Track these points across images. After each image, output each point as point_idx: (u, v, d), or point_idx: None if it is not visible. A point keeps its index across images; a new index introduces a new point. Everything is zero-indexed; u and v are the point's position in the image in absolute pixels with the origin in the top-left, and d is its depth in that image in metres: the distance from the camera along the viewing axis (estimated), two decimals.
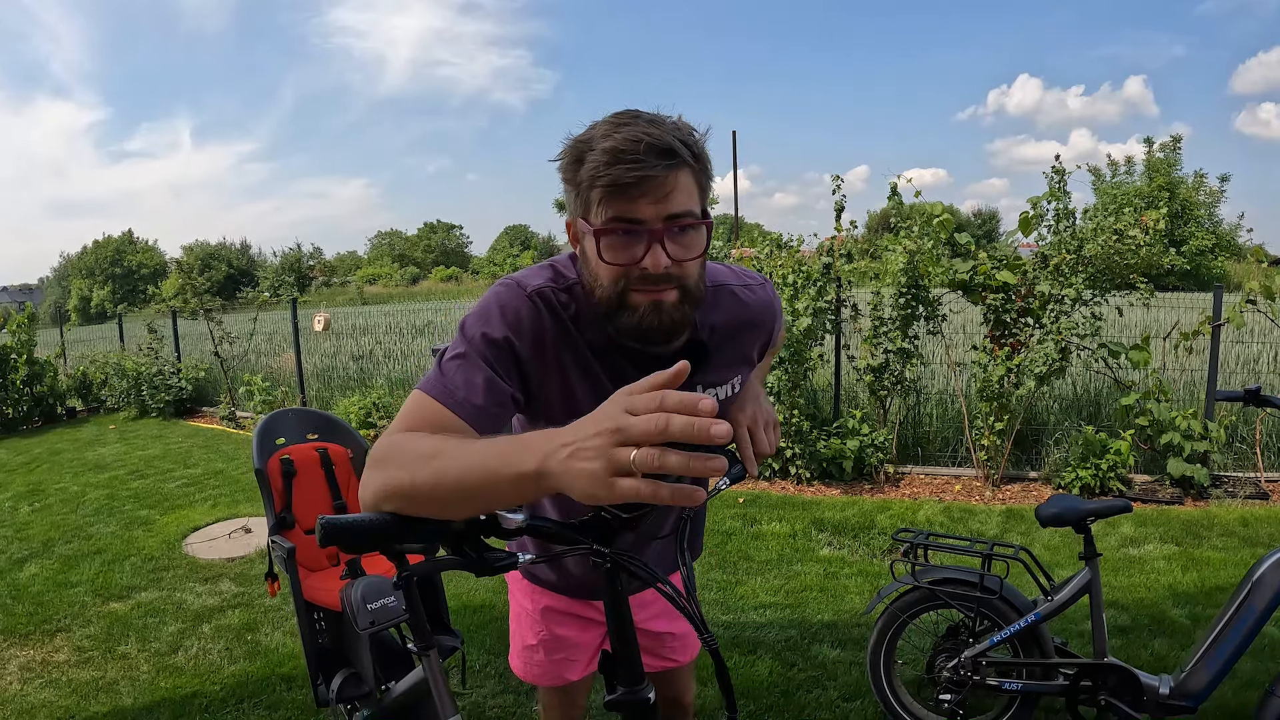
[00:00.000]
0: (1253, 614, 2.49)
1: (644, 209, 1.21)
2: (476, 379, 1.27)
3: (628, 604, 1.29)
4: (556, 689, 1.90)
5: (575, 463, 0.91)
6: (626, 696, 1.28)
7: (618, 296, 1.27)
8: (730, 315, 1.50)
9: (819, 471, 6.38)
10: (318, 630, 2.74)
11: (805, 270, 6.46)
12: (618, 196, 1.20)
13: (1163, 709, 2.61)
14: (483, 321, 1.33)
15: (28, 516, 6.31)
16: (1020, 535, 5.10)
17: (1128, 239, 6.03)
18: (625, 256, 1.24)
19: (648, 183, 1.19)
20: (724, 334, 1.49)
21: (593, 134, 1.23)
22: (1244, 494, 5.72)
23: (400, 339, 13.28)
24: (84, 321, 49.00)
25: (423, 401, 1.25)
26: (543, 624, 1.83)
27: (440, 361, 1.31)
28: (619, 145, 1.18)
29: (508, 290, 1.36)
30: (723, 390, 1.53)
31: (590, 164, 1.21)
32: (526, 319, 1.34)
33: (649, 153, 1.18)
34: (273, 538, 2.74)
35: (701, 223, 1.26)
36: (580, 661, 1.87)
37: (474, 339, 1.31)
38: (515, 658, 1.91)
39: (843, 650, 3.70)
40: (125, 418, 10.79)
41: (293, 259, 60.30)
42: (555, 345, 1.37)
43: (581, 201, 1.26)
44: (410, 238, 72.22)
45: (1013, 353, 5.99)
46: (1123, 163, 38.18)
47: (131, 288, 58.21)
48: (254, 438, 2.82)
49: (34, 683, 3.64)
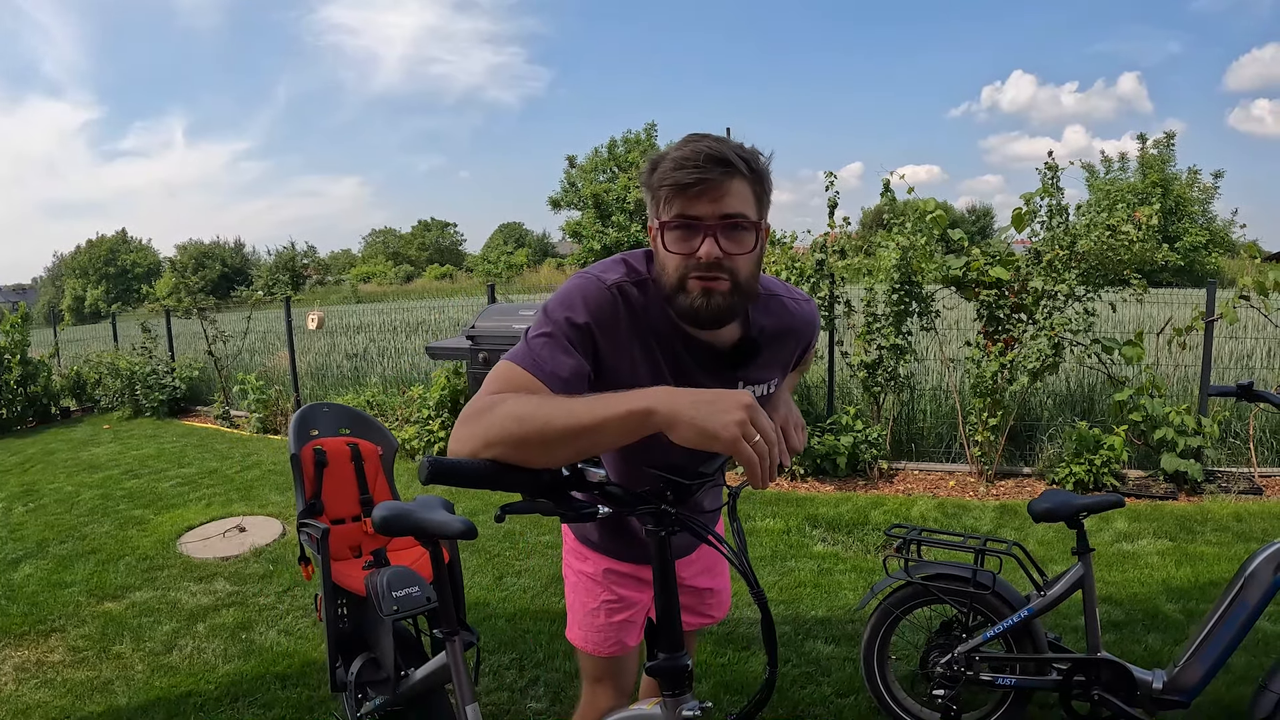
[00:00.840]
0: (1245, 609, 2.50)
1: (701, 208, 1.42)
2: (560, 355, 1.46)
3: (674, 574, 1.44)
4: (612, 659, 1.99)
5: (715, 411, 1.19)
6: (668, 662, 1.41)
7: (679, 281, 1.47)
8: (778, 322, 1.70)
9: (813, 468, 6.39)
10: (340, 615, 2.77)
11: (799, 266, 6.47)
12: (679, 196, 1.43)
13: (1156, 704, 2.62)
14: (567, 307, 1.51)
15: (22, 517, 6.29)
16: (1014, 531, 5.11)
17: (1120, 235, 6.04)
18: (685, 247, 1.45)
19: (704, 185, 1.41)
20: (770, 336, 1.68)
21: (667, 150, 1.48)
22: (1238, 489, 5.74)
23: (394, 337, 13.25)
24: (78, 321, 48.90)
25: (513, 370, 1.43)
26: (604, 584, 1.96)
27: (527, 339, 1.49)
28: (685, 155, 1.42)
29: (590, 282, 1.55)
30: (762, 389, 1.72)
31: (661, 171, 1.44)
32: (606, 308, 1.53)
33: (708, 161, 1.40)
34: (304, 520, 2.81)
35: (753, 224, 1.46)
36: (638, 624, 1.98)
37: (559, 322, 1.49)
38: (575, 627, 2.01)
39: (837, 646, 3.70)
40: (119, 417, 10.77)
41: (287, 257, 60.06)
42: (627, 332, 1.55)
43: (655, 202, 1.48)
44: (404, 236, 72.05)
45: (1006, 349, 6.00)
46: (1117, 159, 38.28)
47: (125, 287, 57.99)
48: (291, 426, 2.93)
49: (29, 683, 3.64)
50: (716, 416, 1.18)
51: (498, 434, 1.27)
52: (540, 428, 1.25)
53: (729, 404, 1.19)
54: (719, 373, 1.64)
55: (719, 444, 1.18)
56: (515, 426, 1.26)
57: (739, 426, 1.17)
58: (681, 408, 1.20)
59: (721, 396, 1.20)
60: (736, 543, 1.42)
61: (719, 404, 1.19)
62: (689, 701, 1.41)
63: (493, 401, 1.33)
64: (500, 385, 1.41)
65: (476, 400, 1.37)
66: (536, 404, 1.30)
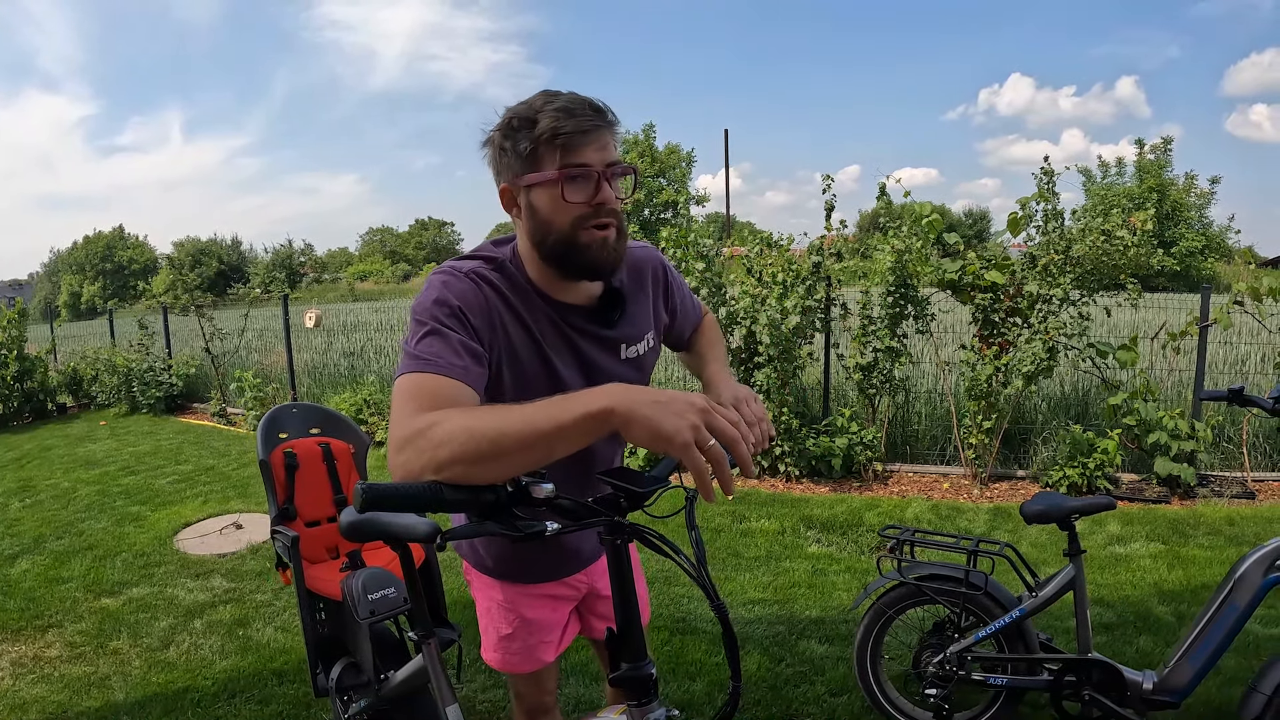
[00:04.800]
0: (1235, 611, 2.52)
1: (591, 155, 1.43)
2: (450, 343, 1.41)
3: (633, 583, 1.37)
4: (530, 675, 1.96)
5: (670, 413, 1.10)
6: (631, 672, 1.35)
7: (570, 236, 1.47)
8: (629, 267, 1.70)
9: (808, 469, 6.41)
10: (318, 620, 2.76)
11: (795, 268, 6.49)
12: (571, 146, 1.41)
13: (1146, 704, 2.65)
14: (434, 300, 1.46)
15: (19, 512, 6.30)
16: (1007, 533, 5.14)
17: (1115, 239, 6.07)
18: (582, 195, 1.44)
19: (596, 133, 1.43)
20: (629, 284, 1.70)
21: (532, 104, 1.45)
22: (1230, 493, 5.77)
23: (391, 336, 13.23)
24: (74, 317, 48.85)
25: (414, 381, 1.35)
26: (514, 611, 1.90)
27: (408, 348, 1.42)
28: (568, 104, 1.42)
29: (447, 275, 1.52)
30: (640, 346, 1.73)
31: (546, 121, 1.41)
32: (470, 295, 1.49)
33: (591, 110, 1.43)
34: (275, 528, 2.77)
35: (630, 169, 1.50)
36: (553, 641, 1.94)
37: (433, 315, 1.44)
38: (490, 650, 1.95)
39: (830, 646, 3.73)
40: (116, 414, 10.77)
41: (284, 255, 60.01)
42: (498, 314, 1.53)
43: (534, 158, 1.44)
44: (402, 234, 72.09)
45: (1001, 352, 6.03)
46: (1114, 164, 38.37)
47: (122, 283, 58.00)
48: (259, 430, 2.85)
49: (26, 678, 3.65)
50: (670, 419, 1.10)
51: (449, 454, 1.18)
52: (495, 438, 1.16)
53: (682, 405, 1.11)
54: (598, 336, 1.64)
55: (671, 447, 1.10)
56: (469, 441, 1.17)
57: (692, 431, 1.09)
58: (638, 406, 1.12)
59: (675, 398, 1.12)
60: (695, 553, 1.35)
61: (673, 405, 1.11)
62: (656, 710, 1.36)
63: (429, 421, 1.23)
64: (415, 402, 1.31)
65: (403, 425, 1.26)
66: (483, 414, 1.22)
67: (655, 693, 1.36)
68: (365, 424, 8.33)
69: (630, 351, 1.71)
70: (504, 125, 1.48)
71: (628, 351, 1.70)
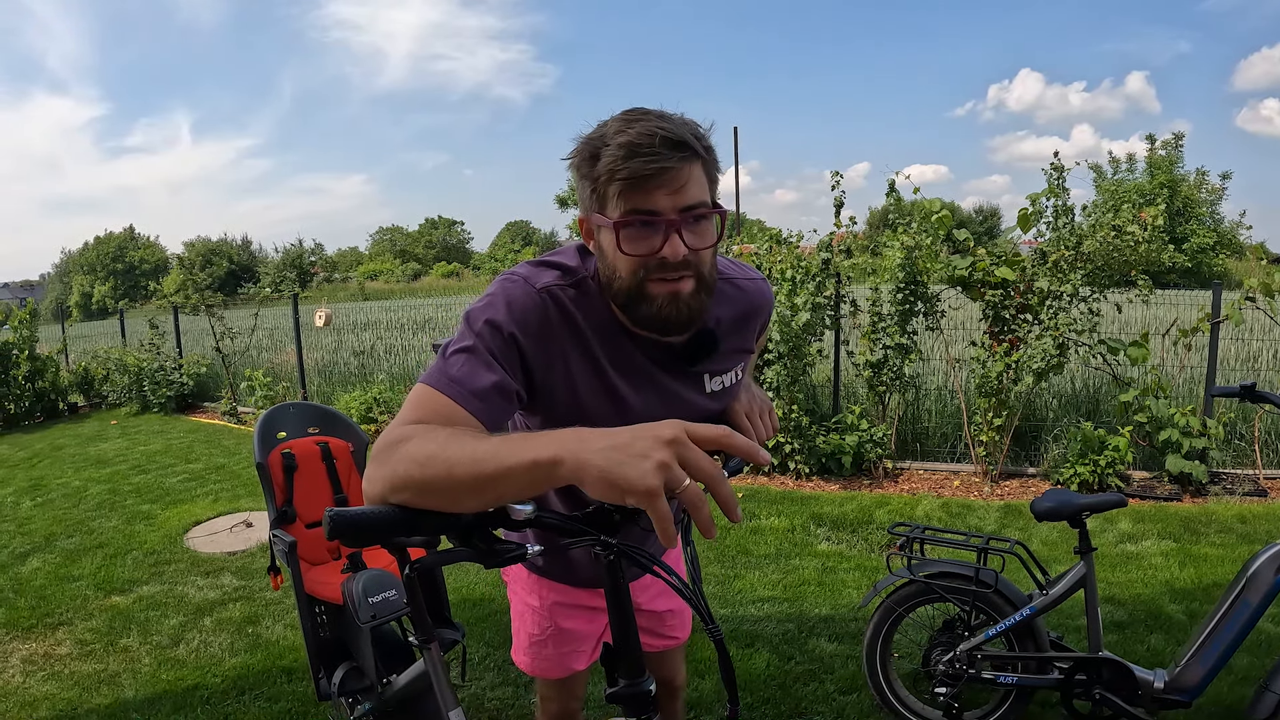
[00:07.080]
0: (1247, 609, 2.50)
1: (660, 200, 1.23)
2: (481, 372, 1.27)
3: (629, 597, 1.29)
4: (559, 680, 1.91)
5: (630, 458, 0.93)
6: (628, 689, 1.28)
7: (636, 288, 1.29)
8: (734, 307, 1.54)
9: (818, 467, 6.40)
10: (319, 623, 2.75)
11: (804, 265, 6.47)
12: (635, 189, 1.22)
13: (1157, 703, 2.63)
14: (489, 315, 1.32)
15: (30, 511, 6.33)
16: (1018, 531, 5.12)
17: (1126, 235, 6.04)
18: (644, 247, 1.26)
19: (664, 175, 1.22)
20: (729, 325, 1.53)
21: (605, 131, 1.25)
22: (1242, 491, 5.74)
23: (401, 334, 13.30)
24: (85, 317, 49.14)
25: (428, 395, 1.25)
26: (549, 618, 1.84)
27: (444, 354, 1.30)
28: (634, 140, 1.21)
29: (515, 285, 1.36)
30: (728, 378, 1.57)
31: (607, 159, 1.23)
32: (534, 315, 1.34)
33: (664, 145, 1.20)
34: (274, 532, 2.74)
35: (714, 211, 1.29)
36: (586, 651, 1.89)
37: (481, 333, 1.31)
38: (521, 653, 1.91)
39: (840, 644, 3.71)
40: (127, 413, 10.82)
41: (294, 255, 60.22)
42: (561, 340, 1.37)
43: (598, 197, 1.27)
44: (411, 234, 72.23)
45: (1011, 349, 6.00)
46: (1124, 160, 38.15)
47: (133, 284, 58.33)
48: (255, 432, 2.81)
49: (36, 675, 3.67)
50: (631, 464, 0.92)
51: (401, 478, 1.08)
52: (444, 474, 1.05)
53: (646, 444, 0.93)
54: (678, 369, 1.48)
55: (634, 498, 0.91)
56: (418, 471, 1.07)
57: (660, 472, 0.91)
58: (589, 454, 0.95)
59: (639, 437, 0.94)
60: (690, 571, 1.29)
61: (635, 447, 0.93)
62: None
63: (404, 435, 1.14)
64: (415, 413, 1.22)
65: (390, 431, 1.17)
66: (442, 443, 1.09)
67: (654, 709, 1.31)
68: (376, 422, 8.36)
69: (715, 384, 1.55)
70: (575, 153, 1.30)
71: (712, 384, 1.55)
